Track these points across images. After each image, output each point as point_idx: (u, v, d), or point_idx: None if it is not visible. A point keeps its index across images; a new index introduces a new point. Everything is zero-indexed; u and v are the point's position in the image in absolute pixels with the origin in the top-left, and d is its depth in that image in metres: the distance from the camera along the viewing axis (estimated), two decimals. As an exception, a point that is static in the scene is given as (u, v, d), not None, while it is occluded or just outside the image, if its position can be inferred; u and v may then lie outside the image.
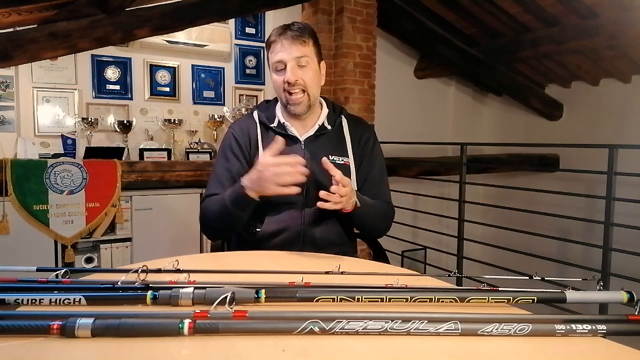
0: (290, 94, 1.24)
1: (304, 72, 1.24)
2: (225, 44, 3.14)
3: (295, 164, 1.09)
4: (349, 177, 1.31)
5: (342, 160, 1.32)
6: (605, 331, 0.64)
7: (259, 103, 1.58)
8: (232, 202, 1.16)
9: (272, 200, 1.18)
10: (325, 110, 1.35)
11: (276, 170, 1.08)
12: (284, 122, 1.30)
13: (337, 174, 1.11)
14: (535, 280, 0.86)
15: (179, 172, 2.50)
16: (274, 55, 1.24)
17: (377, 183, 1.35)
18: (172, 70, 3.08)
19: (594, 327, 0.64)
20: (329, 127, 1.33)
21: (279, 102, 1.36)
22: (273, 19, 3.30)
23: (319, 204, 1.12)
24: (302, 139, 1.30)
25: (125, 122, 2.79)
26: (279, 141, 1.11)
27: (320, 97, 1.36)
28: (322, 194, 1.10)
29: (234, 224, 1.23)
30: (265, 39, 1.29)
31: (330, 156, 1.30)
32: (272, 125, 1.30)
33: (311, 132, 1.31)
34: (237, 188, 1.16)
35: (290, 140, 1.30)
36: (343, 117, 1.38)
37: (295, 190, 1.09)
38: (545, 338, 0.63)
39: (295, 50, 1.22)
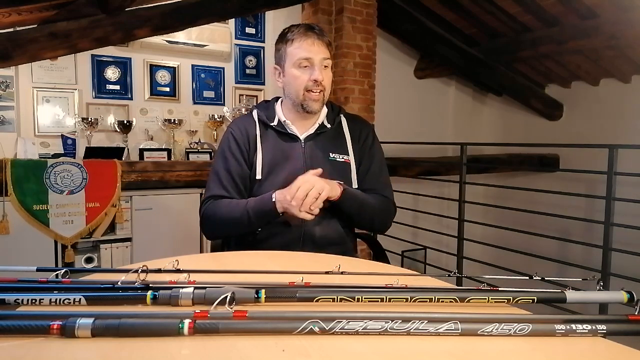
0: (311, 92, 1.25)
1: (326, 73, 1.27)
2: (225, 44, 3.14)
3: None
4: (350, 174, 1.32)
5: (342, 157, 1.32)
6: (605, 331, 0.64)
7: (258, 103, 1.59)
8: (256, 214, 1.20)
9: None
10: (325, 110, 1.35)
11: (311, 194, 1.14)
12: (284, 121, 1.31)
13: None
14: (535, 280, 0.86)
15: (179, 172, 2.50)
16: (301, 52, 1.23)
17: (376, 178, 1.36)
18: (172, 70, 3.08)
19: (594, 327, 0.64)
20: (328, 125, 1.34)
21: (279, 102, 1.37)
22: (273, 19, 3.30)
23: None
24: (302, 137, 1.31)
25: (125, 122, 2.79)
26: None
27: None
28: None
29: (248, 232, 1.25)
30: (284, 33, 1.28)
31: (330, 154, 1.31)
32: (272, 124, 1.31)
33: (311, 131, 1.32)
34: (265, 202, 1.19)
35: (290, 138, 1.30)
36: (342, 115, 1.39)
37: (310, 217, 1.18)
38: (545, 338, 0.63)
39: (323, 51, 1.24)
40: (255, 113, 1.35)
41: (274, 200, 1.18)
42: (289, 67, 1.26)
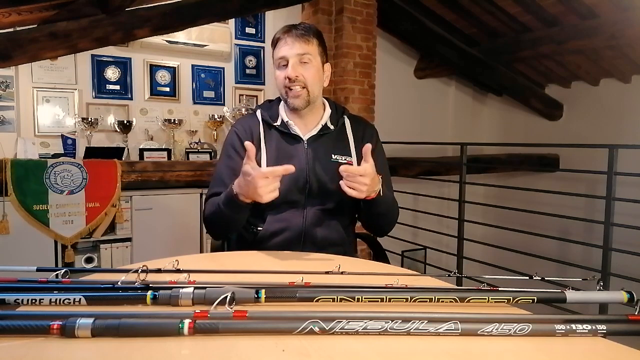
0: (290, 89, 1.25)
1: (306, 69, 1.25)
2: (225, 44, 3.14)
3: (276, 174, 1.03)
4: None
5: (345, 159, 1.32)
6: (605, 331, 0.64)
7: (262, 102, 1.59)
8: (225, 205, 1.16)
9: (272, 200, 1.17)
10: (329, 111, 1.35)
11: (261, 183, 1.02)
12: (287, 121, 1.31)
13: (363, 164, 1.08)
14: (535, 280, 0.86)
15: (179, 172, 2.50)
16: (278, 52, 1.26)
17: (382, 181, 1.35)
18: (172, 70, 3.08)
19: (594, 327, 0.64)
20: (331, 127, 1.33)
21: (282, 101, 1.37)
22: (273, 19, 3.30)
23: (345, 189, 1.07)
24: (305, 138, 1.30)
25: (125, 122, 2.79)
26: (249, 148, 1.05)
27: (323, 97, 1.37)
28: (342, 168, 1.05)
29: (232, 224, 1.23)
30: (271, 38, 1.32)
31: (332, 155, 1.30)
32: (275, 124, 1.31)
33: (314, 132, 1.31)
34: (229, 191, 1.15)
35: (293, 139, 1.30)
36: (346, 117, 1.38)
37: (275, 195, 1.05)
38: (545, 338, 0.63)
39: (298, 47, 1.23)
40: (259, 113, 1.35)
41: (235, 192, 1.11)
42: (274, 69, 1.30)
